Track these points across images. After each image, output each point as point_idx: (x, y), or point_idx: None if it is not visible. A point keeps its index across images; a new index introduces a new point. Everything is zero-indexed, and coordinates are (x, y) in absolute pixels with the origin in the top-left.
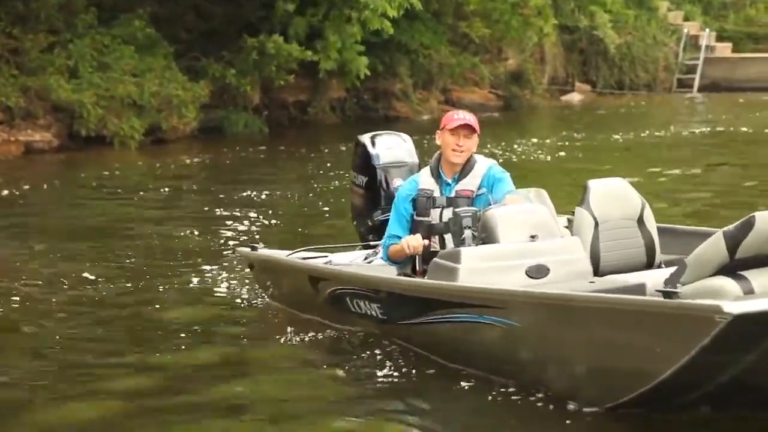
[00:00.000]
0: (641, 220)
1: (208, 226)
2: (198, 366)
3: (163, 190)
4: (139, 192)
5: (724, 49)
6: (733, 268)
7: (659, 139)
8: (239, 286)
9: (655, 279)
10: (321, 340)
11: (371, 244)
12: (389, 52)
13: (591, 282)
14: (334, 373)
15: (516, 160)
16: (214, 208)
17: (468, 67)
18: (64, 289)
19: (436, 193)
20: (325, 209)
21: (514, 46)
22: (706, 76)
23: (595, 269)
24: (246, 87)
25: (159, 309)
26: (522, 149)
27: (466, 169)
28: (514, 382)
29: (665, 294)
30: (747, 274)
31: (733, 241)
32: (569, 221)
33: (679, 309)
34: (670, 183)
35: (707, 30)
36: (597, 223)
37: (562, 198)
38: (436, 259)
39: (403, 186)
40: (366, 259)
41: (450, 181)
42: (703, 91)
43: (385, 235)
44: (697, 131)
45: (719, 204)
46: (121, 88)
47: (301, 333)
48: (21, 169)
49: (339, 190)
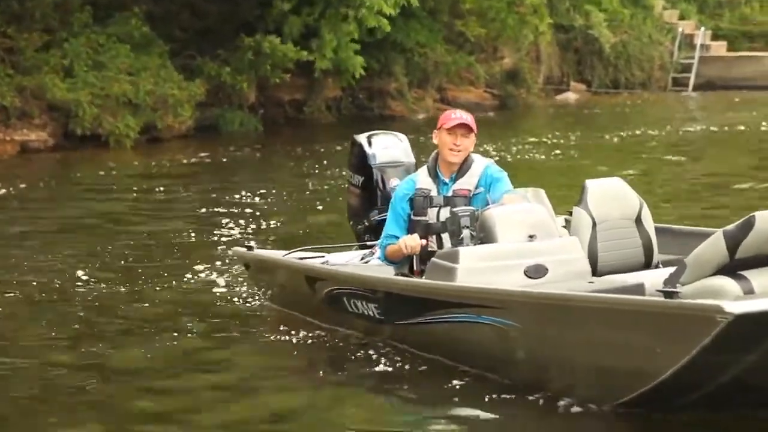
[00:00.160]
0: (639, 220)
1: (203, 225)
2: (193, 366)
3: (159, 189)
4: (134, 191)
5: (720, 48)
6: (733, 268)
7: (655, 138)
8: (235, 286)
9: (654, 279)
10: (318, 340)
11: (368, 244)
12: (384, 51)
13: (590, 282)
14: (331, 374)
15: (511, 160)
16: (209, 207)
17: (463, 66)
18: (58, 288)
19: (434, 192)
20: (321, 208)
21: (509, 45)
22: (702, 74)
23: (592, 269)
24: (242, 85)
25: (154, 308)
26: (517, 148)
27: (463, 168)
28: (512, 382)
29: (666, 294)
30: (747, 274)
31: (734, 241)
32: (566, 221)
33: (680, 309)
34: (666, 182)
35: (702, 29)
36: (595, 223)
37: (558, 197)
38: (434, 258)
39: (400, 185)
40: (363, 259)
41: (447, 180)
42: (699, 90)
43: (382, 235)
44: (692, 130)
45: (715, 203)
46: (116, 86)
47: (298, 333)
48: (16, 169)
49: (335, 189)
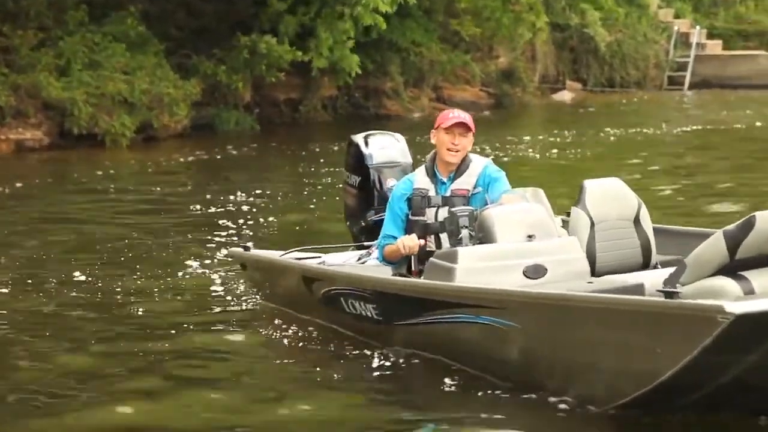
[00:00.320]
0: (637, 221)
1: (199, 224)
2: (189, 366)
3: (155, 189)
4: (131, 190)
5: (715, 47)
6: (733, 268)
7: (651, 137)
8: (231, 286)
9: (653, 279)
10: (315, 341)
11: (365, 244)
12: (380, 51)
13: (589, 282)
14: (327, 374)
15: (507, 159)
16: (205, 207)
17: (459, 65)
18: (54, 287)
19: (432, 192)
20: (318, 208)
21: (504, 44)
22: (697, 73)
23: (590, 270)
24: (237, 84)
25: (149, 308)
26: (513, 147)
27: (461, 168)
28: (511, 383)
29: (666, 294)
30: (747, 274)
31: (734, 241)
32: (563, 222)
33: (681, 309)
34: (662, 181)
35: (698, 27)
36: (593, 223)
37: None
38: (432, 258)
39: (398, 185)
40: (359, 259)
41: (445, 180)
42: (694, 89)
43: (380, 236)
44: (688, 129)
45: (711, 202)
46: (111, 85)
47: (295, 334)
48: (12, 168)
49: (331, 188)
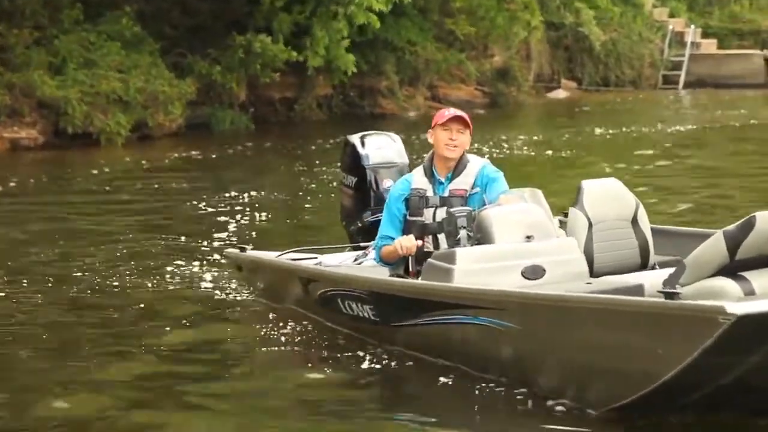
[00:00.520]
0: (635, 221)
1: (194, 224)
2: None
3: (150, 188)
4: (125, 189)
5: (710, 46)
6: (733, 268)
7: (646, 136)
8: (227, 287)
9: (652, 280)
10: (311, 342)
11: (361, 245)
12: (375, 50)
13: (588, 283)
14: (324, 375)
15: (502, 158)
16: (200, 206)
17: (454, 64)
18: (49, 286)
19: (429, 192)
20: (313, 207)
21: (499, 43)
22: (692, 72)
23: (588, 270)
24: (232, 84)
25: (144, 309)
26: (508, 146)
27: (459, 168)
28: (510, 384)
29: (666, 295)
30: (747, 275)
31: (734, 242)
32: (561, 222)
33: (682, 310)
34: (658, 180)
35: (692, 26)
36: (591, 224)
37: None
38: (430, 259)
39: (395, 186)
40: (356, 260)
41: (443, 180)
42: (689, 88)
43: (377, 236)
44: (683, 128)
45: (706, 201)
46: (105, 84)
47: (291, 335)
48: (7, 167)
49: (327, 187)
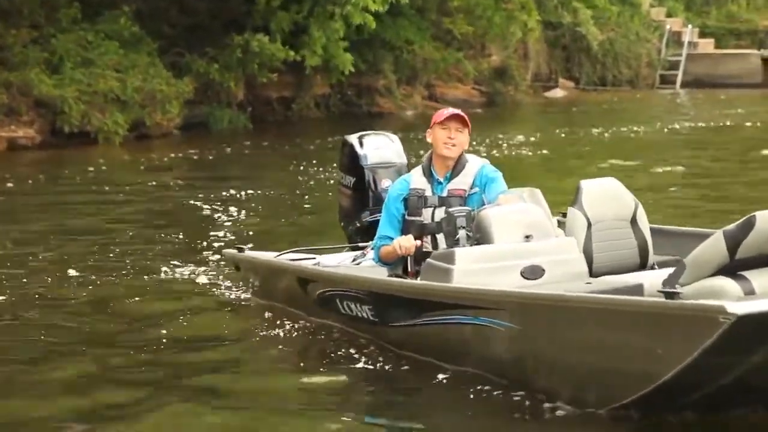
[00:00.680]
0: (634, 221)
1: (192, 223)
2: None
3: (148, 187)
4: (123, 188)
5: (707, 45)
6: (733, 268)
7: (643, 136)
8: (225, 287)
9: (652, 280)
10: (309, 342)
11: (359, 245)
12: (373, 49)
13: (587, 283)
14: (322, 375)
15: (500, 157)
16: (198, 206)
17: (452, 63)
18: (46, 286)
19: (428, 192)
20: (311, 207)
21: (497, 42)
22: (689, 72)
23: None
24: (230, 83)
25: (140, 309)
26: (506, 145)
27: (457, 168)
28: (510, 384)
29: (666, 294)
30: (747, 274)
31: (734, 241)
32: (559, 222)
33: (682, 309)
34: (655, 180)
35: (690, 26)
36: (590, 224)
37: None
38: (429, 259)
39: (394, 186)
40: (354, 260)
41: (442, 180)
42: (686, 87)
43: (375, 236)
44: (680, 127)
45: (703, 200)
46: (103, 83)
47: (289, 335)
48: (4, 166)
49: (325, 187)
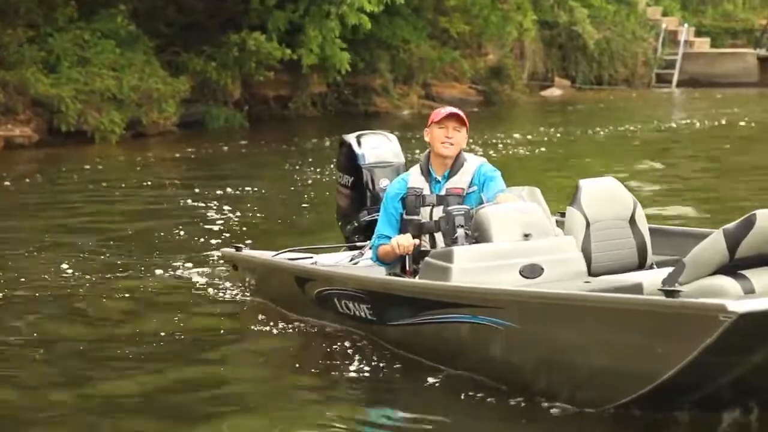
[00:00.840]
0: (633, 221)
1: (189, 222)
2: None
3: (144, 186)
4: (120, 187)
5: (703, 45)
6: (732, 267)
7: (639, 135)
8: (222, 286)
9: (651, 279)
10: (307, 341)
11: (357, 245)
12: (370, 48)
13: (586, 282)
14: (319, 375)
15: (496, 155)
16: (195, 204)
17: (448, 62)
18: (41, 284)
19: (426, 191)
20: (309, 206)
21: (493, 41)
22: (685, 71)
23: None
24: (227, 81)
25: (137, 308)
26: (501, 145)
27: (455, 166)
28: (509, 383)
29: (667, 293)
30: (747, 273)
31: (734, 240)
32: (557, 222)
33: (683, 308)
34: (651, 178)
35: (686, 25)
36: (588, 223)
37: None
38: (427, 258)
39: (392, 185)
40: (352, 260)
41: (440, 178)
42: (682, 87)
43: (374, 236)
44: (676, 126)
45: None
46: (99, 82)
47: (287, 335)
48: (1, 165)
49: (321, 186)
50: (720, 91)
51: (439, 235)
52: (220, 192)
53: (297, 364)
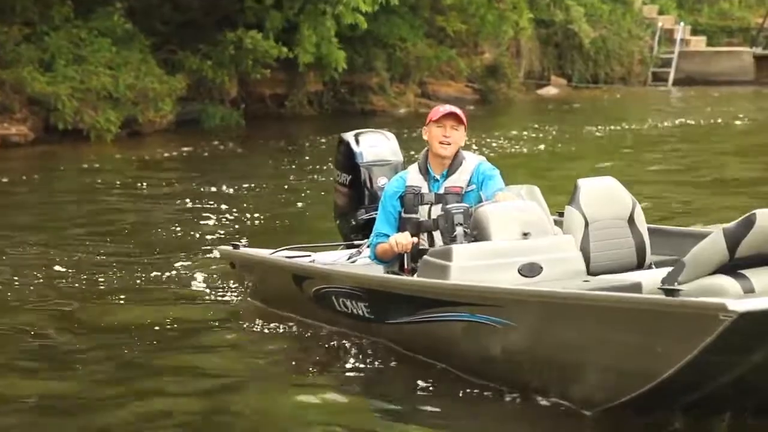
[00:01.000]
0: (632, 220)
1: (185, 220)
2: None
3: (140, 184)
4: (115, 186)
5: (699, 43)
6: (732, 266)
7: (635, 133)
8: (219, 284)
9: (650, 279)
10: (305, 340)
11: (355, 243)
12: (366, 46)
13: (585, 281)
14: (317, 374)
15: (493, 154)
16: (191, 203)
17: (444, 60)
18: (38, 282)
19: (424, 189)
20: (305, 204)
21: (489, 40)
22: (681, 69)
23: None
24: (223, 80)
25: (133, 307)
26: (496, 144)
27: (454, 165)
28: (507, 382)
29: (667, 291)
30: (747, 272)
31: (734, 239)
32: (555, 221)
33: (682, 307)
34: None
35: (682, 24)
36: (587, 223)
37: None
38: (426, 256)
39: (390, 183)
40: (349, 258)
41: (438, 177)
42: (678, 85)
43: (372, 234)
44: (672, 125)
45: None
46: (94, 79)
47: (284, 333)
48: None
49: (318, 184)
50: (716, 89)
51: (437, 234)
52: (217, 190)
53: (294, 362)
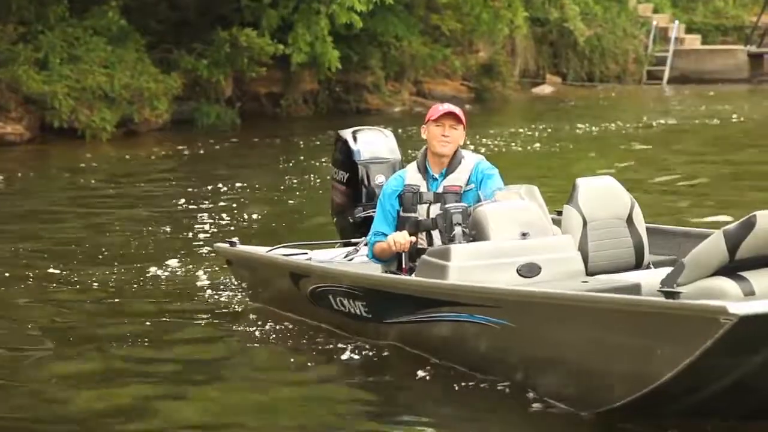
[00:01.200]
0: (630, 220)
1: (181, 219)
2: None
3: (136, 183)
4: (111, 185)
5: (693, 41)
6: (732, 268)
7: (631, 132)
8: (216, 282)
9: (649, 279)
10: (301, 338)
11: (352, 241)
12: (361, 45)
13: (584, 281)
14: (314, 373)
15: (490, 154)
16: (187, 202)
17: (440, 59)
18: (31, 281)
19: (423, 188)
20: (300, 202)
21: (484, 38)
22: (676, 68)
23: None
24: (218, 79)
25: (130, 305)
26: (491, 143)
27: (453, 164)
28: (504, 383)
29: (666, 294)
30: (747, 274)
31: (734, 241)
32: (553, 220)
33: (683, 309)
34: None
35: (676, 22)
36: (585, 222)
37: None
38: (424, 256)
39: (388, 182)
40: (347, 256)
41: (437, 176)
42: (673, 83)
43: (370, 233)
44: (667, 123)
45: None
46: (90, 78)
47: (281, 331)
48: None
49: (314, 182)
50: (711, 87)
51: (436, 233)
52: (213, 189)
53: (290, 360)
